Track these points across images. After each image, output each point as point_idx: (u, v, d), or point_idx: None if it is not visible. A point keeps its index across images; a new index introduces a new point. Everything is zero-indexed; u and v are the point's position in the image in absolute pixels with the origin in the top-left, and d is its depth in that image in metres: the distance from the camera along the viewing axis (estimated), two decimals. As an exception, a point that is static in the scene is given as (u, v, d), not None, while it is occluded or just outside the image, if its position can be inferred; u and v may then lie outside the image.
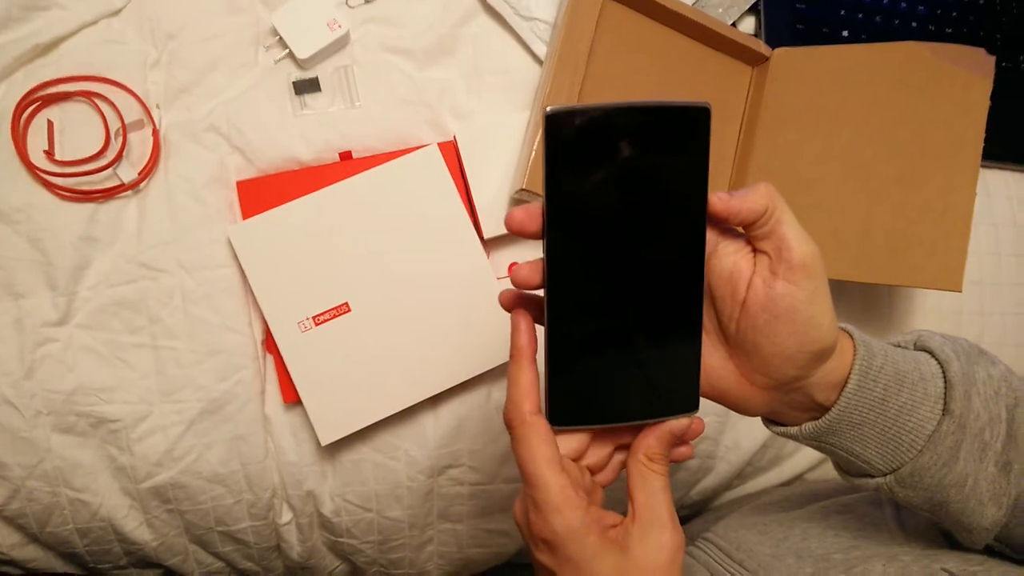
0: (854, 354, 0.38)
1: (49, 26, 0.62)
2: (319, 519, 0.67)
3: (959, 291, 0.61)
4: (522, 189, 0.62)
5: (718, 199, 0.35)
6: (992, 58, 0.61)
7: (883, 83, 0.65)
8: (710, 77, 0.71)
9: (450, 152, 0.66)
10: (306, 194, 0.63)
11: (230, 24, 0.65)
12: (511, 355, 0.36)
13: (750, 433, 0.71)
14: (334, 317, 0.62)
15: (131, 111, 0.63)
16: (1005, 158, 0.79)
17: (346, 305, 0.62)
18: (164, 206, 0.62)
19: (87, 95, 0.62)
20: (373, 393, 0.63)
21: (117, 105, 0.62)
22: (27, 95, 0.61)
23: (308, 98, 0.66)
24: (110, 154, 0.62)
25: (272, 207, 0.62)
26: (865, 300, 0.75)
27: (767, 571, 0.49)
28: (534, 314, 0.37)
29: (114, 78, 0.62)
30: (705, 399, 0.39)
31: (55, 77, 0.62)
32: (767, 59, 0.71)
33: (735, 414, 0.48)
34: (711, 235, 0.36)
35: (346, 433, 0.62)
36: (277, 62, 0.66)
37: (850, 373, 0.37)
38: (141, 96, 0.63)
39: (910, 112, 0.64)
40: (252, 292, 0.62)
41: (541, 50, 0.68)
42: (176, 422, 0.62)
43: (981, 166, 0.62)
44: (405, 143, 0.66)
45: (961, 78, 0.62)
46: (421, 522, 0.68)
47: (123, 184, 0.61)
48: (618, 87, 0.66)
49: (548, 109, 0.32)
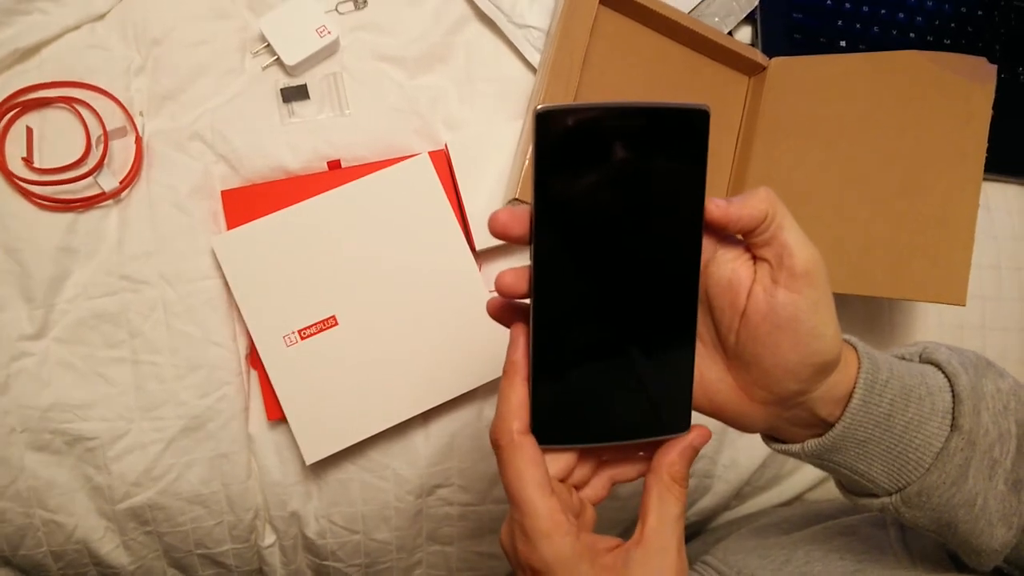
0: (858, 367, 0.36)
1: (30, 30, 0.60)
2: (303, 541, 0.65)
3: (963, 305, 0.60)
4: (515, 199, 0.61)
5: (716, 206, 0.33)
6: (993, 67, 0.60)
7: (883, 92, 0.64)
8: (706, 86, 0.70)
9: (441, 161, 0.64)
10: (293, 204, 0.61)
11: (217, 30, 0.63)
12: (505, 369, 0.35)
13: (749, 451, 0.69)
14: (321, 331, 0.60)
15: (114, 118, 0.61)
16: (1005, 171, 0.78)
17: (333, 319, 0.60)
18: (146, 216, 0.60)
19: (68, 101, 0.60)
20: (361, 410, 0.61)
21: (99, 112, 0.60)
22: (6, 101, 0.59)
23: (296, 106, 0.64)
24: (91, 162, 0.60)
25: (258, 217, 0.60)
26: (865, 314, 0.74)
27: (769, 596, 0.47)
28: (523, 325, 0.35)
29: (97, 84, 0.61)
30: (703, 415, 0.37)
31: (36, 83, 0.60)
32: (764, 68, 0.70)
33: (733, 431, 0.47)
34: (709, 243, 0.35)
35: (332, 451, 0.60)
36: (264, 69, 0.64)
37: (854, 387, 0.36)
38: (124, 103, 0.61)
39: (910, 122, 0.62)
40: (236, 305, 0.60)
41: (535, 58, 0.67)
42: (155, 440, 0.60)
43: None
44: (395, 152, 0.65)
45: (962, 87, 0.61)
46: (409, 544, 0.66)
47: (104, 193, 0.59)
48: (612, 95, 0.65)
49: (538, 107, 0.31)
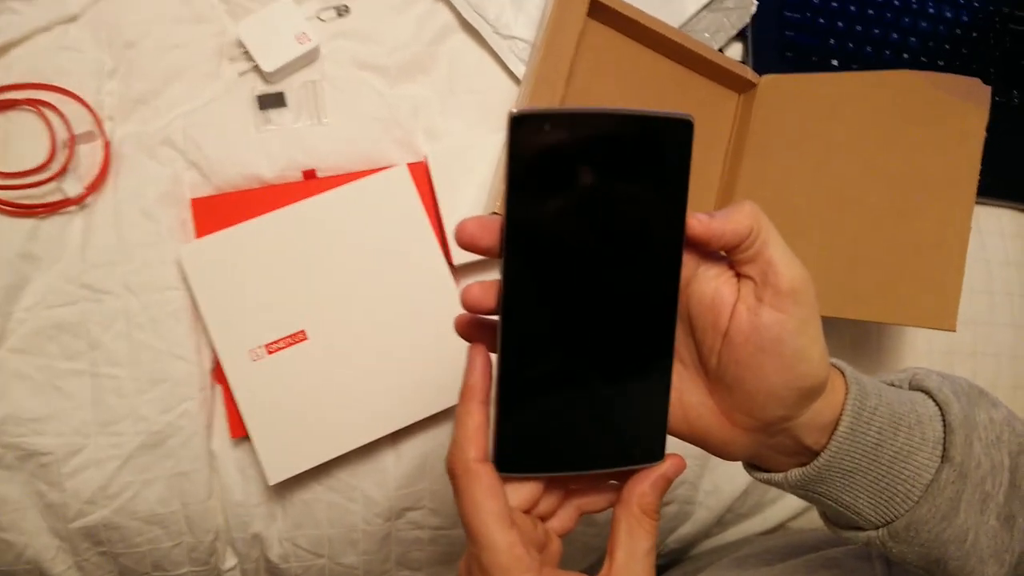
0: (846, 393, 0.34)
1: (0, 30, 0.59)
2: (266, 565, 0.62)
3: (953, 330, 0.58)
4: (495, 213, 0.59)
5: (698, 221, 0.32)
6: (988, 88, 0.59)
7: (875, 112, 0.62)
8: (695, 102, 0.68)
9: (420, 173, 0.62)
10: (265, 213, 0.59)
11: (193, 34, 0.62)
12: (461, 393, 0.32)
13: (731, 478, 0.67)
14: (289, 345, 0.58)
15: (82, 122, 0.59)
16: (998, 195, 0.77)
17: (303, 333, 0.58)
18: (111, 223, 0.58)
19: (34, 103, 0.58)
20: (329, 428, 0.58)
21: (66, 115, 0.58)
22: (-30, 102, 0.57)
23: (272, 113, 0.62)
24: (55, 167, 0.58)
25: (229, 227, 0.58)
26: (853, 338, 0.72)
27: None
28: (490, 343, 0.33)
29: (65, 87, 0.59)
30: (682, 441, 0.35)
31: (2, 84, 0.58)
32: (754, 86, 0.68)
33: (716, 457, 0.44)
34: (691, 259, 0.33)
35: (296, 472, 0.57)
36: (241, 75, 0.62)
37: (841, 414, 0.34)
38: (94, 107, 0.59)
39: (902, 142, 0.61)
40: (202, 317, 0.58)
41: (520, 70, 0.65)
42: (112, 456, 0.57)
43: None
44: (373, 163, 0.63)
45: (956, 108, 0.59)
46: (377, 569, 0.63)
47: (68, 199, 0.57)
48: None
49: (514, 110, 0.29)
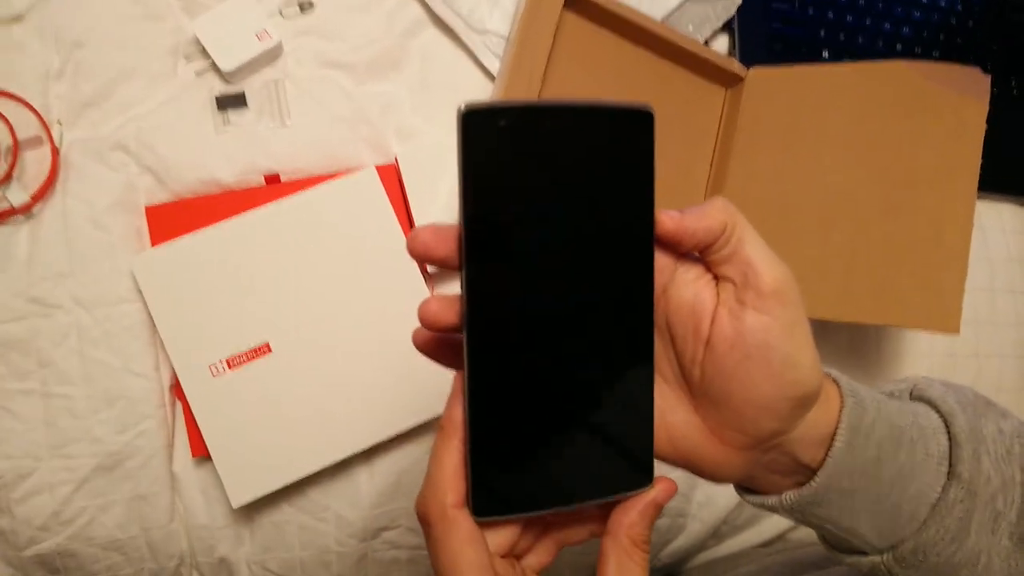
0: (840, 406, 0.32)
1: (-61, 31, 0.55)
2: (233, 592, 0.59)
3: (956, 333, 0.55)
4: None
5: (668, 218, 0.29)
6: (987, 78, 0.56)
7: (869, 105, 0.59)
8: (680, 98, 0.65)
9: (390, 176, 0.59)
10: (224, 220, 0.56)
11: (146, 31, 0.58)
12: (440, 426, 0.29)
13: (725, 489, 0.64)
14: (252, 359, 0.55)
15: (28, 126, 0.55)
16: (998, 188, 0.74)
17: (266, 346, 0.55)
18: (60, 233, 0.55)
19: (-23, 108, 0.55)
20: (296, 446, 0.55)
21: (10, 120, 0.55)
22: (-91, 107, 0.54)
23: (232, 114, 0.59)
24: (-1, 174, 0.54)
25: (185, 235, 0.55)
26: (849, 342, 0.69)
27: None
28: (458, 362, 0.30)
29: (10, 90, 0.55)
30: (667, 464, 0.32)
31: (-57, 87, 0.55)
32: (742, 79, 0.65)
33: (705, 480, 0.41)
34: (667, 261, 0.30)
35: (262, 494, 0.54)
36: (199, 75, 0.59)
37: (836, 429, 0.31)
38: (40, 110, 0.56)
39: (898, 135, 0.58)
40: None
41: (495, 66, 0.62)
42: (66, 480, 0.54)
43: (973, 197, 0.57)
44: (341, 166, 0.60)
45: (954, 99, 0.56)
46: (352, 594, 0.60)
47: (13, 208, 0.54)
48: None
49: (463, 105, 0.26)
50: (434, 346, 0.31)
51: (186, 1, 0.59)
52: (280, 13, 0.61)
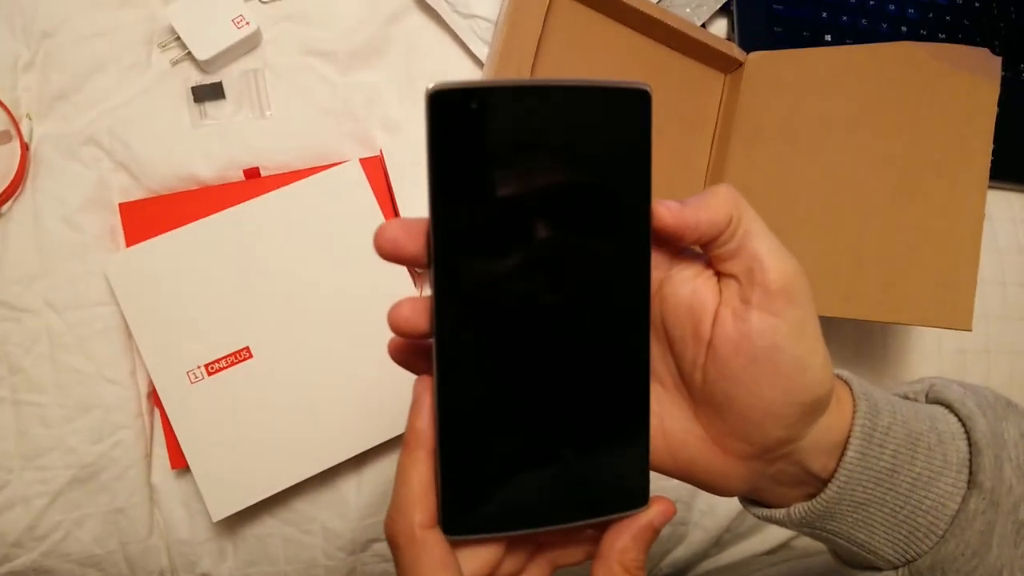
0: (853, 411, 0.29)
1: (-101, 23, 0.53)
2: (216, 607, 0.56)
3: (968, 329, 0.52)
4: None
5: (667, 209, 0.26)
6: (998, 59, 0.53)
7: (874, 89, 0.57)
8: (677, 84, 0.63)
9: (376, 169, 0.56)
10: (202, 217, 0.53)
11: (119, 19, 0.56)
12: (405, 440, 0.27)
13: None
14: (232, 365, 0.52)
15: (-6, 121, 0.53)
16: (1008, 177, 0.72)
17: (247, 350, 0.53)
18: (30, 233, 0.53)
19: (-60, 103, 0.52)
20: (280, 456, 0.53)
21: (-25, 114, 0.52)
22: None
23: (210, 106, 0.56)
24: (-36, 172, 0.52)
25: (161, 233, 0.53)
26: (855, 340, 0.66)
27: None
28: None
29: (-25, 83, 0.53)
30: (667, 476, 0.30)
31: (-96, 82, 0.52)
32: (741, 64, 0.63)
33: (707, 493, 0.39)
34: (661, 257, 0.28)
35: (243, 506, 0.52)
36: (174, 64, 0.56)
37: (849, 436, 0.29)
38: (8, 104, 0.53)
39: (906, 121, 0.55)
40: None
41: (482, 51, 0.60)
42: (39, 493, 0.52)
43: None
44: (324, 159, 0.57)
45: (963, 82, 0.54)
46: (341, 607, 0.58)
47: (-22, 207, 0.52)
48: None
49: (431, 87, 0.23)
50: (409, 354, 0.28)
51: (160, -12, 0.57)
52: (258, -1, 0.58)
